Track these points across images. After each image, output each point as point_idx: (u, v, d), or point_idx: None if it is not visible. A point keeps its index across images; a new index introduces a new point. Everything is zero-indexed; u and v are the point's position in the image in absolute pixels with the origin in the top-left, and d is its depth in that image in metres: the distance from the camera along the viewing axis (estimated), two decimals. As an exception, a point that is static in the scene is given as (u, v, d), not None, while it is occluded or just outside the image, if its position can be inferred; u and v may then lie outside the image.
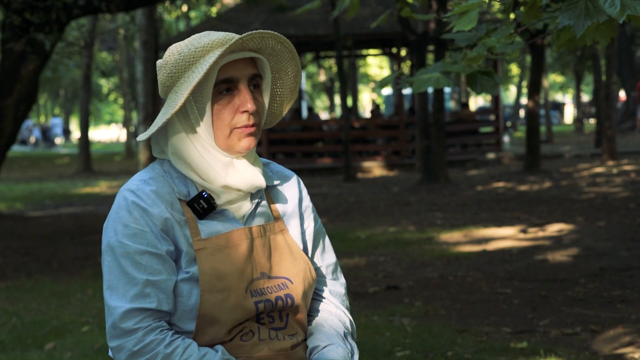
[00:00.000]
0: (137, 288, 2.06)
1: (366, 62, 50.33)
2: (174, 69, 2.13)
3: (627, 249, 8.36)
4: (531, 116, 18.23)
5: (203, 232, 2.13)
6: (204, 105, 2.12)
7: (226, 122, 2.13)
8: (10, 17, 11.52)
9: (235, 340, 2.13)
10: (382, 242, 9.65)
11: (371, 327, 5.77)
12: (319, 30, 21.45)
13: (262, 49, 2.17)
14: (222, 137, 2.14)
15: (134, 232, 2.09)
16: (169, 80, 2.14)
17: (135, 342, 2.04)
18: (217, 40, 2.11)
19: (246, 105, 2.12)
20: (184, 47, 2.13)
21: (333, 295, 2.32)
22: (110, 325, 2.07)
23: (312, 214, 2.33)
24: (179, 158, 2.16)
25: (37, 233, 11.64)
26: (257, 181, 2.17)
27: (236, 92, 2.14)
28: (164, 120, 2.10)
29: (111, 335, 2.07)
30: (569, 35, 3.90)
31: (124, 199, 2.13)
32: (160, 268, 2.09)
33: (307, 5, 5.57)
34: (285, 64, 2.24)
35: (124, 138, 44.07)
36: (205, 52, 2.11)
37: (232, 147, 2.15)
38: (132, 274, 2.07)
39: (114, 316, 2.06)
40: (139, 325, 2.05)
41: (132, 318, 2.05)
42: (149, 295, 2.06)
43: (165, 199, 2.13)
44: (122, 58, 34.89)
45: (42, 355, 5.46)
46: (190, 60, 2.11)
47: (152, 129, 2.14)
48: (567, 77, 47.65)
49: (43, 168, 28.41)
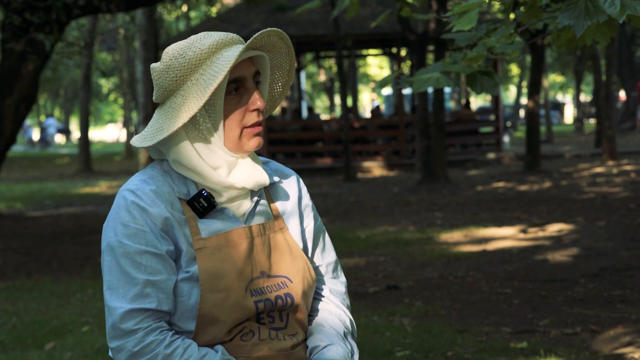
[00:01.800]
0: (137, 288, 2.06)
1: (366, 62, 50.32)
2: (179, 73, 2.09)
3: (627, 249, 8.36)
4: (531, 116, 18.24)
5: (203, 231, 2.13)
6: (216, 108, 2.11)
7: (237, 121, 2.12)
8: (10, 17, 11.52)
9: (235, 340, 2.12)
10: (382, 242, 9.65)
11: (371, 327, 5.77)
12: (319, 30, 21.44)
13: (264, 47, 2.17)
14: (233, 137, 2.13)
15: (134, 232, 2.08)
16: (172, 84, 2.11)
17: (135, 342, 2.03)
18: (220, 40, 2.10)
19: (256, 103, 2.12)
20: (187, 50, 2.10)
21: (333, 294, 2.31)
22: (110, 325, 2.07)
23: (311, 212, 2.33)
24: (181, 165, 2.14)
25: (37, 233, 11.64)
26: (261, 178, 2.17)
27: (244, 91, 2.13)
28: (174, 128, 2.06)
29: (111, 336, 2.07)
30: (569, 35, 3.90)
31: (124, 199, 2.12)
32: (160, 268, 2.08)
33: (306, 5, 5.57)
34: (281, 60, 2.23)
35: (124, 138, 44.06)
36: (211, 53, 2.09)
37: (241, 147, 2.14)
38: (132, 274, 2.07)
39: (114, 317, 2.05)
40: (138, 326, 2.04)
41: (132, 319, 2.04)
42: (149, 296, 2.06)
43: (165, 198, 2.12)
44: (122, 58, 34.88)
45: (42, 355, 5.46)
46: (197, 62, 2.09)
47: (158, 136, 2.10)
48: (567, 77, 47.64)
49: (43, 168, 28.42)
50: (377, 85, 4.58)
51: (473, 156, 22.02)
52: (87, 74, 26.67)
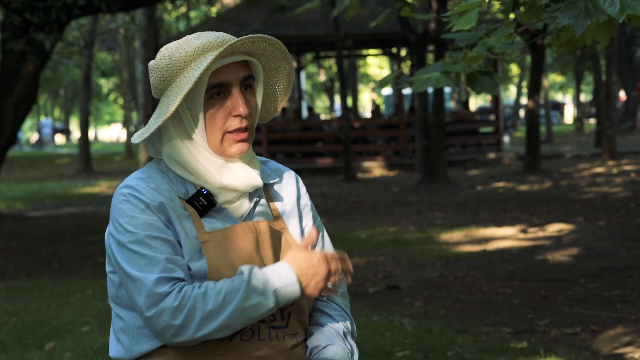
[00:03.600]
0: (161, 265, 2.06)
1: (366, 62, 50.31)
2: (165, 73, 2.13)
3: (627, 249, 8.36)
4: (531, 116, 18.24)
5: (206, 226, 2.14)
6: (196, 110, 2.12)
7: (218, 126, 2.13)
8: (10, 17, 11.52)
9: (235, 339, 2.12)
10: (382, 242, 9.64)
11: (371, 327, 5.77)
12: (319, 30, 21.44)
13: (253, 52, 2.17)
14: (215, 141, 2.14)
15: (141, 221, 2.09)
16: (161, 83, 2.14)
17: (173, 299, 2.03)
18: (207, 43, 2.10)
19: (238, 109, 2.12)
20: (175, 51, 2.13)
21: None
22: (145, 295, 2.04)
23: (310, 212, 2.33)
24: (174, 161, 2.16)
25: (37, 233, 11.64)
26: (253, 180, 2.17)
27: (228, 95, 2.13)
28: (156, 125, 2.10)
29: (148, 305, 2.04)
30: (569, 35, 3.90)
31: (123, 195, 2.13)
32: (172, 252, 2.09)
33: (306, 4, 5.57)
34: (278, 64, 2.24)
35: (124, 138, 44.07)
36: (197, 55, 2.10)
37: (224, 152, 2.15)
38: (150, 256, 2.07)
39: (148, 285, 2.04)
40: (172, 287, 2.05)
41: (164, 284, 2.04)
42: (173, 270, 2.07)
43: (165, 194, 2.13)
44: (122, 58, 34.88)
45: (42, 355, 5.46)
46: (182, 64, 2.11)
47: (145, 133, 2.14)
48: (567, 77, 47.65)
49: (43, 168, 28.42)
50: (377, 85, 4.58)
51: (473, 156, 22.03)
52: (87, 74, 26.67)
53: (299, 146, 22.24)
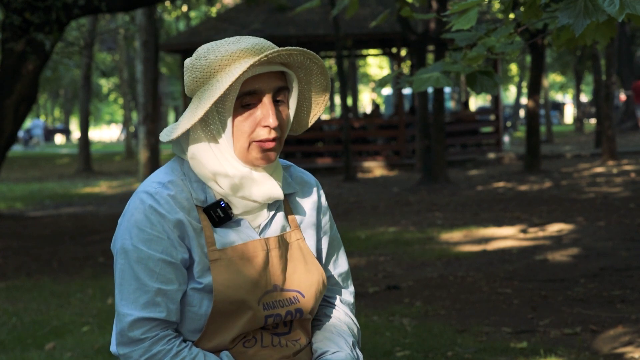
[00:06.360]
0: (148, 296, 2.05)
1: (366, 62, 50.33)
2: (199, 74, 2.09)
3: (627, 249, 8.36)
4: (531, 116, 18.23)
5: (218, 242, 2.11)
6: (225, 115, 2.08)
7: (246, 134, 2.09)
8: (10, 17, 11.52)
9: (237, 347, 2.12)
10: (382, 242, 9.64)
11: (371, 327, 5.77)
12: (319, 30, 21.43)
13: (290, 63, 2.13)
14: (241, 148, 2.10)
15: (150, 238, 2.07)
16: (194, 83, 2.10)
17: (142, 351, 2.03)
18: (245, 49, 2.06)
19: (267, 120, 2.07)
20: (211, 53, 2.08)
21: (343, 303, 2.32)
22: (118, 332, 2.07)
23: (329, 222, 2.31)
24: (198, 162, 2.12)
25: (37, 233, 11.64)
26: (275, 193, 2.13)
27: (259, 104, 2.09)
28: (186, 128, 2.07)
29: (119, 342, 2.07)
30: (568, 35, 3.90)
31: (141, 202, 2.10)
32: (172, 277, 2.07)
33: (306, 4, 5.57)
34: (314, 78, 2.20)
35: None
36: (232, 60, 2.06)
37: (249, 159, 2.11)
38: (144, 281, 2.06)
39: (123, 324, 2.05)
40: (146, 335, 2.04)
41: (140, 327, 2.04)
42: (159, 305, 2.05)
43: (183, 205, 2.10)
44: (122, 58, 34.87)
45: (42, 355, 5.46)
46: (216, 67, 2.06)
47: (175, 132, 2.10)
48: (567, 77, 47.64)
49: (43, 168, 28.41)
50: (377, 85, 4.57)
51: (473, 156, 22.02)
52: (87, 74, 26.66)
53: (298, 146, 22.23)
